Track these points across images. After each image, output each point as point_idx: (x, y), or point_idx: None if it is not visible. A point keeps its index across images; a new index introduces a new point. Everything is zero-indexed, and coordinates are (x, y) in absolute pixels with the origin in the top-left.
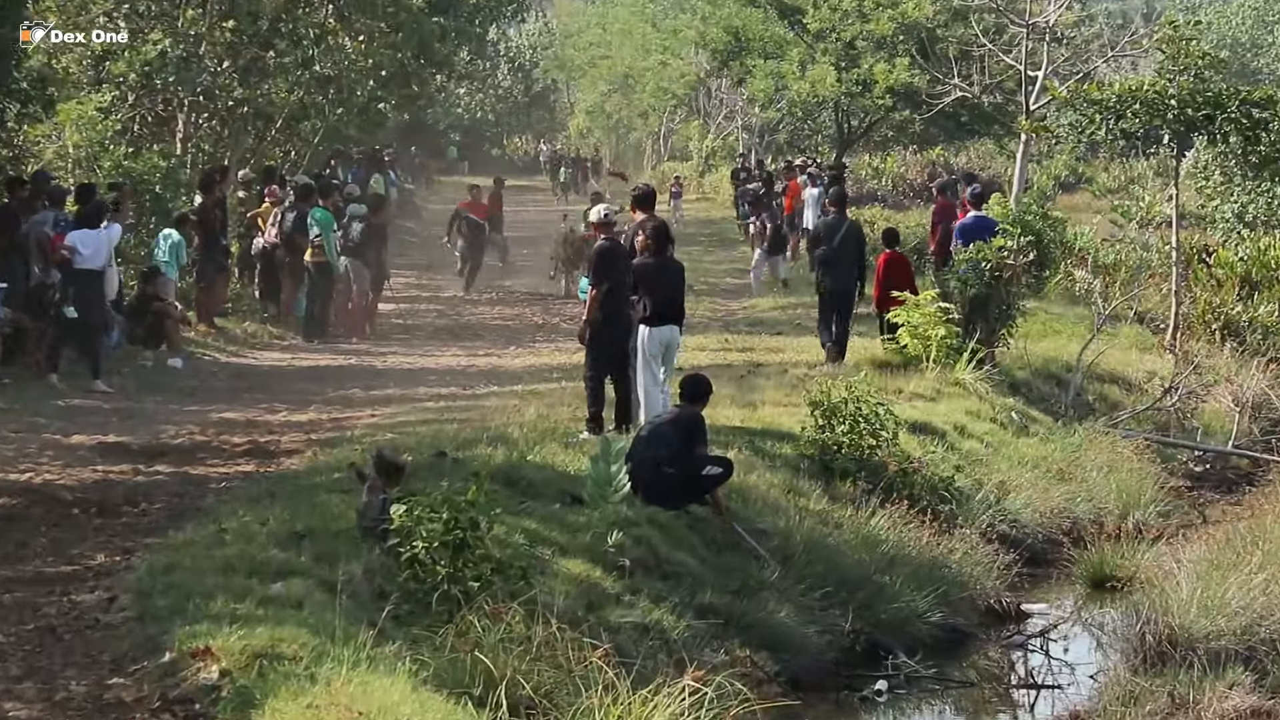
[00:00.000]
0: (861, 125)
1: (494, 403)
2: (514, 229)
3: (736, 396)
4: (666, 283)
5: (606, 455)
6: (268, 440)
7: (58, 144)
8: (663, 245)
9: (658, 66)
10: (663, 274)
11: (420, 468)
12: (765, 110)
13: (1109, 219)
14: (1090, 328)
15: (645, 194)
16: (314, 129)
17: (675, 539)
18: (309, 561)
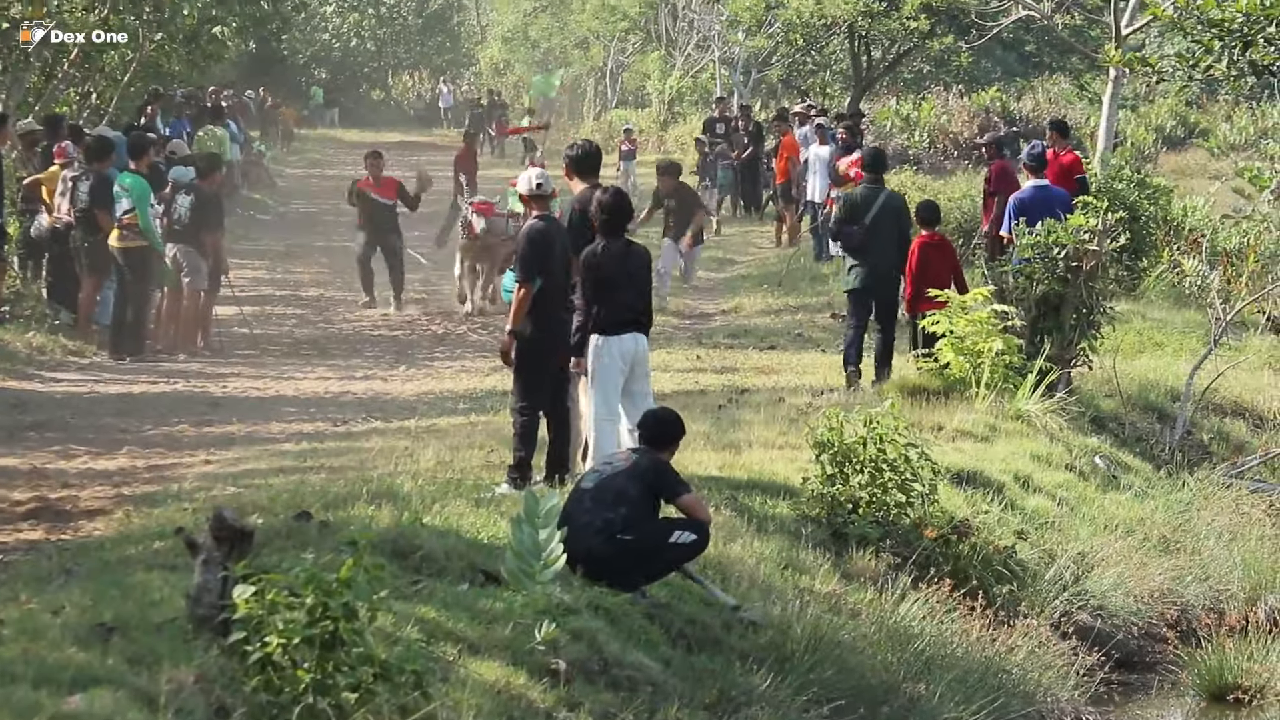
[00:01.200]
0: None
1: (377, 444)
2: None
3: (713, 435)
4: (627, 275)
5: (533, 517)
6: (61, 496)
7: None
8: (619, 223)
9: None
10: (622, 263)
11: (275, 534)
12: (752, 37)
13: (1232, 187)
14: (1205, 339)
15: (586, 153)
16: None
17: (628, 633)
18: (120, 665)
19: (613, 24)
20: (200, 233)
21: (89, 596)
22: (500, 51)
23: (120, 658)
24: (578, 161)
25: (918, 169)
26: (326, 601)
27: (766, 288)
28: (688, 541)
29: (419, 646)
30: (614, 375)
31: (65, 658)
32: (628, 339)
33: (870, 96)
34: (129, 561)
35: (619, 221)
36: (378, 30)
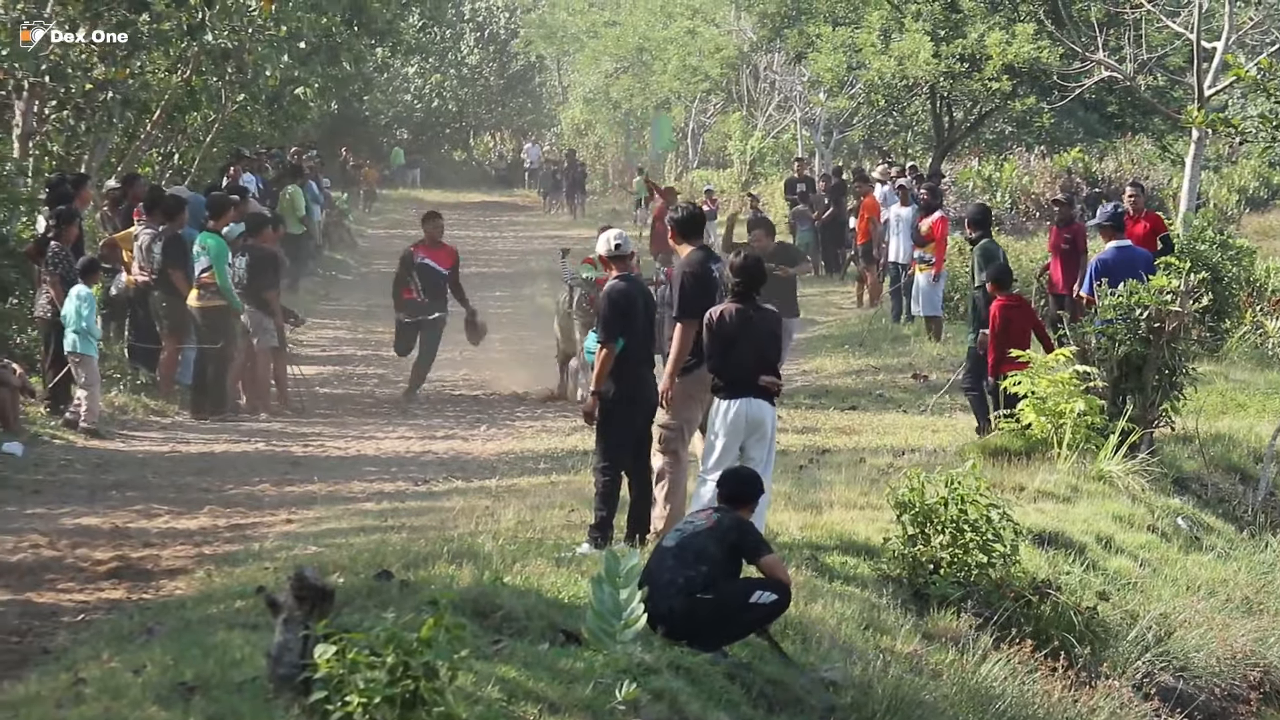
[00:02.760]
0: (968, 118)
1: (458, 503)
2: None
3: (794, 495)
4: (752, 339)
5: (614, 577)
6: (143, 556)
7: None
8: (752, 288)
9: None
10: (748, 327)
11: (356, 593)
12: (833, 98)
13: None
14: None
15: (691, 216)
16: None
17: (709, 693)
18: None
19: (694, 85)
20: (261, 291)
21: (170, 655)
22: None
23: (201, 717)
24: (683, 224)
25: (999, 230)
26: (407, 661)
27: (847, 348)
28: (769, 602)
29: (500, 706)
30: (731, 438)
31: (147, 717)
32: (754, 405)
33: (952, 157)
34: (210, 620)
35: (752, 286)
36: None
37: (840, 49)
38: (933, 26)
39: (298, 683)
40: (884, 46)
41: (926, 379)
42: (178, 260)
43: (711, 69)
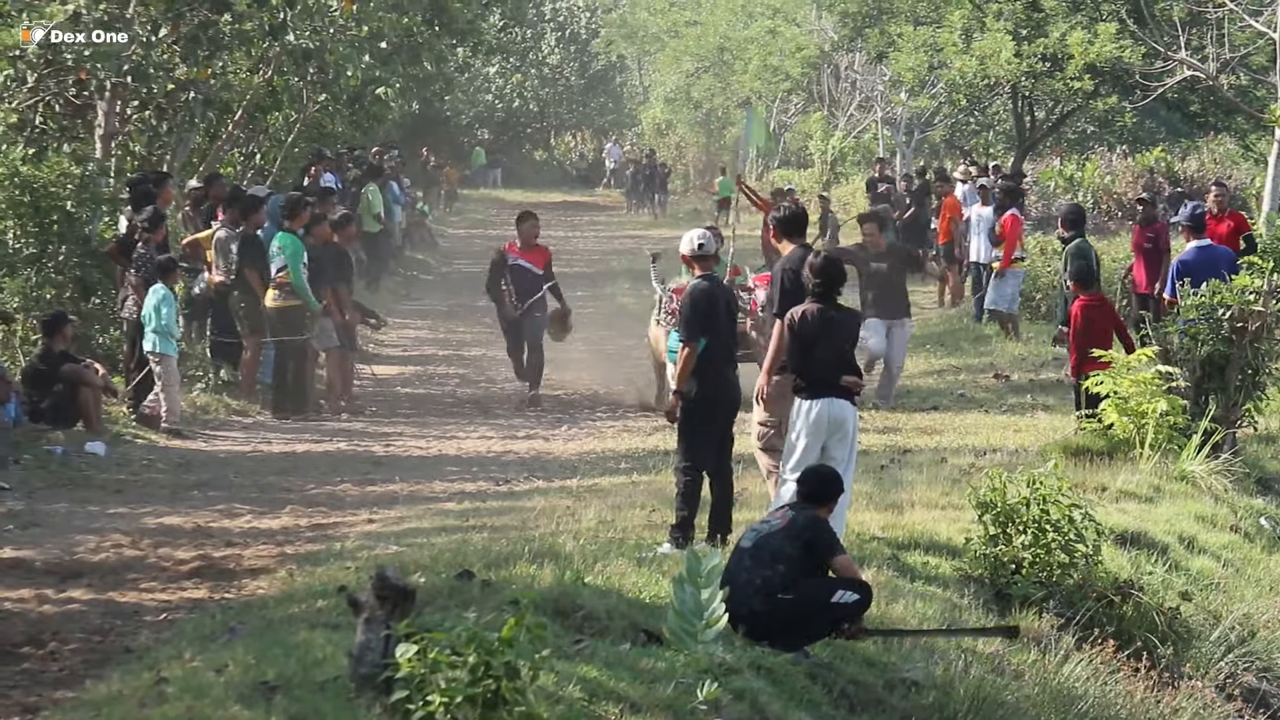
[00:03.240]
0: (1050, 118)
1: (539, 503)
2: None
3: (876, 495)
4: (832, 340)
5: (695, 577)
6: (225, 555)
7: None
8: (831, 289)
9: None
10: (828, 328)
11: (437, 593)
12: (915, 98)
13: None
14: None
15: (794, 215)
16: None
17: (791, 692)
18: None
19: (775, 84)
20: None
21: (252, 655)
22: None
23: (283, 716)
24: (785, 223)
25: None
26: (489, 660)
27: (929, 348)
28: (850, 601)
29: (581, 706)
30: (813, 439)
31: (229, 716)
32: (836, 405)
33: (1034, 157)
34: (292, 620)
35: (831, 287)
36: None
37: (921, 48)
38: (1014, 26)
39: (379, 682)
40: (965, 46)
41: (1008, 378)
42: (253, 260)
43: (792, 69)
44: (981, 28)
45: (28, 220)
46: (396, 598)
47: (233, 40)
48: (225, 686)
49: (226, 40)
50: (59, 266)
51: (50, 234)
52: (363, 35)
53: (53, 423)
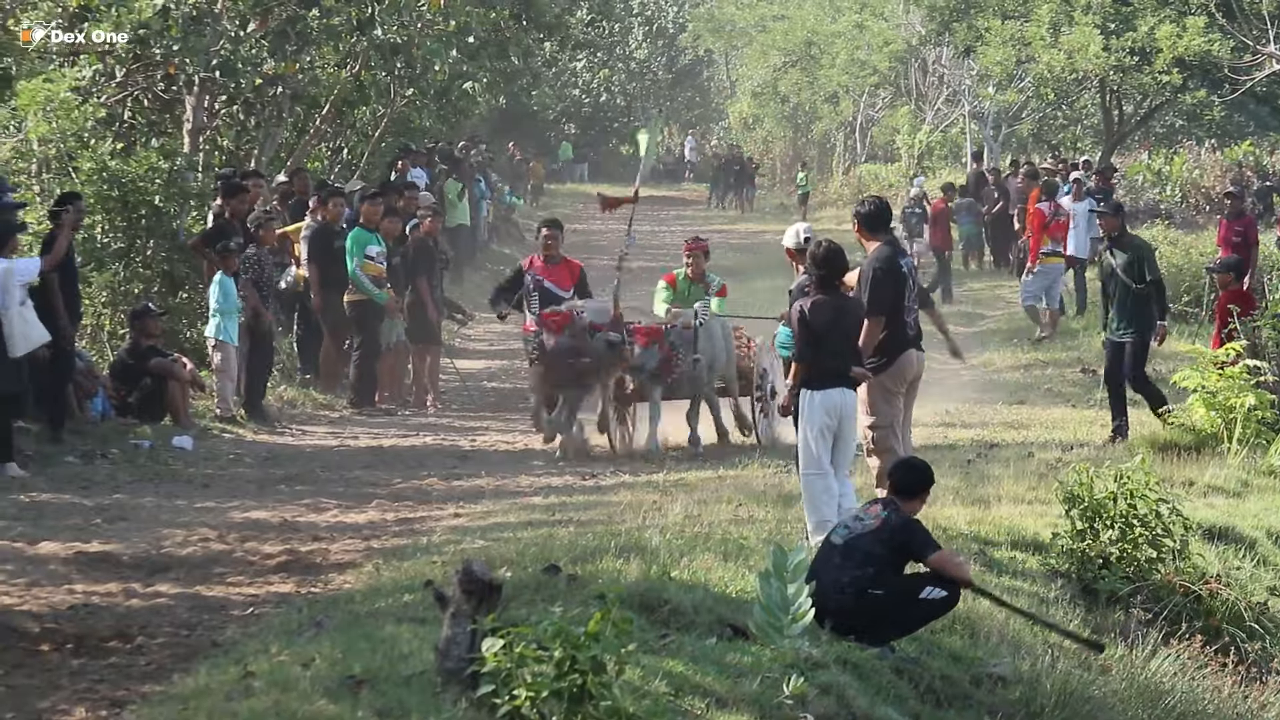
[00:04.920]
0: (1138, 112)
1: (625, 497)
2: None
3: (962, 490)
4: (839, 330)
5: (782, 571)
6: (311, 549)
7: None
8: (834, 277)
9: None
10: (834, 317)
11: (523, 587)
12: (1002, 92)
13: None
14: None
15: (879, 210)
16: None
17: (877, 687)
18: (370, 717)
19: (862, 78)
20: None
21: (339, 649)
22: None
23: (369, 710)
24: (870, 219)
25: (1169, 224)
26: (575, 655)
27: (1015, 342)
28: (938, 598)
29: (667, 700)
30: (825, 429)
31: (315, 710)
32: (835, 394)
33: (1122, 151)
34: (378, 614)
35: (836, 275)
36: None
37: (1009, 42)
38: (1102, 20)
39: (465, 676)
40: (1053, 40)
41: (1095, 373)
42: (317, 255)
43: (880, 63)
44: (1069, 21)
45: (116, 215)
46: (483, 592)
47: (320, 35)
48: (312, 680)
49: (314, 35)
50: (147, 261)
51: (138, 229)
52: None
53: (140, 417)
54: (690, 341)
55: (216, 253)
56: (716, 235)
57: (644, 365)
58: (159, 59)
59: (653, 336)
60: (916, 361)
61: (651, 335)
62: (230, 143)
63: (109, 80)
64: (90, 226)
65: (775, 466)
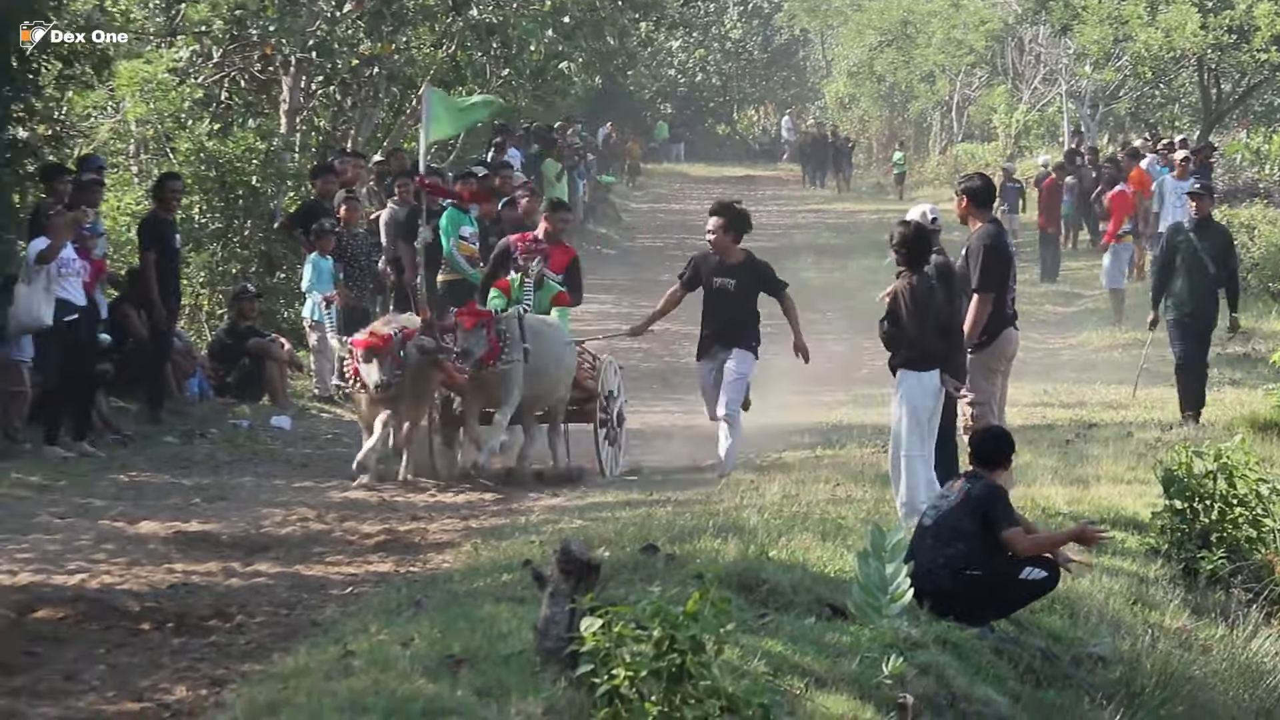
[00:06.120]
0: (1236, 90)
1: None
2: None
3: (1061, 469)
4: (939, 309)
5: (880, 551)
6: (410, 529)
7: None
8: (924, 255)
9: (948, 9)
10: (932, 296)
11: (622, 567)
12: (1100, 71)
13: None
14: None
15: (987, 188)
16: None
17: (976, 667)
18: (469, 696)
19: (959, 57)
20: None
21: (438, 628)
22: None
23: (469, 689)
24: (980, 194)
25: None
26: (674, 634)
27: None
28: (1038, 578)
29: (765, 680)
30: (924, 410)
31: (415, 689)
32: (937, 376)
33: (1220, 129)
34: (477, 594)
35: (924, 255)
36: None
37: (1106, 21)
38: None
39: (564, 656)
40: (1150, 18)
41: None
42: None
43: (976, 42)
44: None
45: (213, 195)
46: (581, 571)
47: (416, 15)
48: (411, 659)
49: (410, 15)
50: (244, 241)
51: (236, 209)
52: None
53: (239, 397)
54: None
55: (311, 233)
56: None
57: (471, 350)
58: (256, 40)
59: (479, 319)
60: (1016, 340)
61: (478, 318)
62: (326, 123)
63: (206, 61)
64: (188, 207)
65: (874, 446)
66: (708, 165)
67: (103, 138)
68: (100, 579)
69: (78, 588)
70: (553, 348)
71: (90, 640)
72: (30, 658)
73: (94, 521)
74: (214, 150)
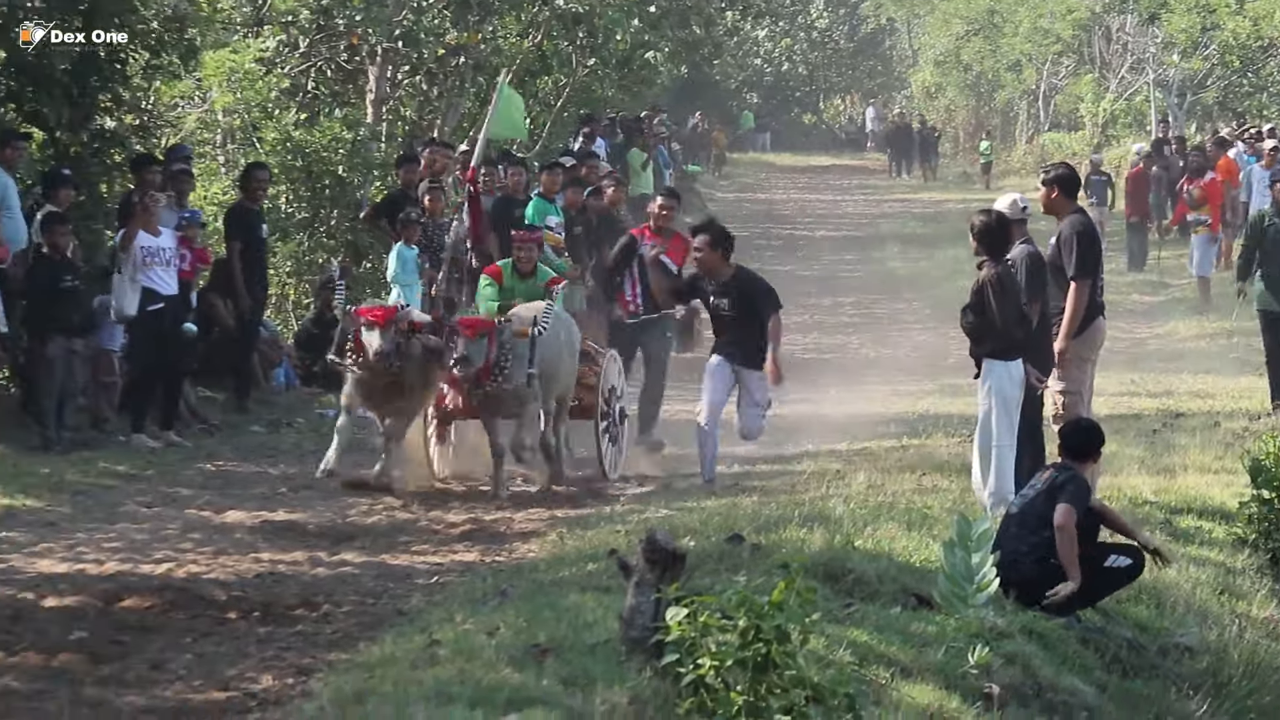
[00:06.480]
0: None
1: (808, 467)
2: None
3: (1148, 459)
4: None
5: (966, 541)
6: (495, 518)
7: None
8: (1004, 245)
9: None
10: (1014, 286)
11: (707, 557)
12: (1187, 59)
13: None
14: None
15: (1075, 175)
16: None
17: (1062, 657)
18: (554, 685)
19: (1045, 46)
20: None
21: (523, 617)
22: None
23: (554, 679)
24: (1071, 183)
25: None
26: (759, 624)
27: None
28: (1123, 566)
29: (851, 669)
30: (1015, 401)
31: (500, 678)
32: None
33: None
34: (562, 583)
35: (1005, 245)
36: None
37: (1194, 9)
38: None
39: (649, 645)
40: (1238, 6)
41: None
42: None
43: (1063, 31)
44: None
45: (300, 185)
46: (667, 561)
47: (502, 4)
48: (496, 649)
49: (496, 4)
50: (330, 231)
51: (322, 199)
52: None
53: (325, 386)
54: (523, 354)
55: (397, 223)
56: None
57: (471, 359)
58: (342, 29)
59: (482, 329)
60: (1104, 329)
61: (480, 328)
62: (412, 113)
63: (293, 51)
64: (274, 197)
65: (960, 436)
66: (793, 155)
67: (190, 128)
68: (187, 568)
69: (164, 577)
70: (561, 352)
71: (177, 629)
72: (117, 647)
73: (181, 511)
74: (300, 140)
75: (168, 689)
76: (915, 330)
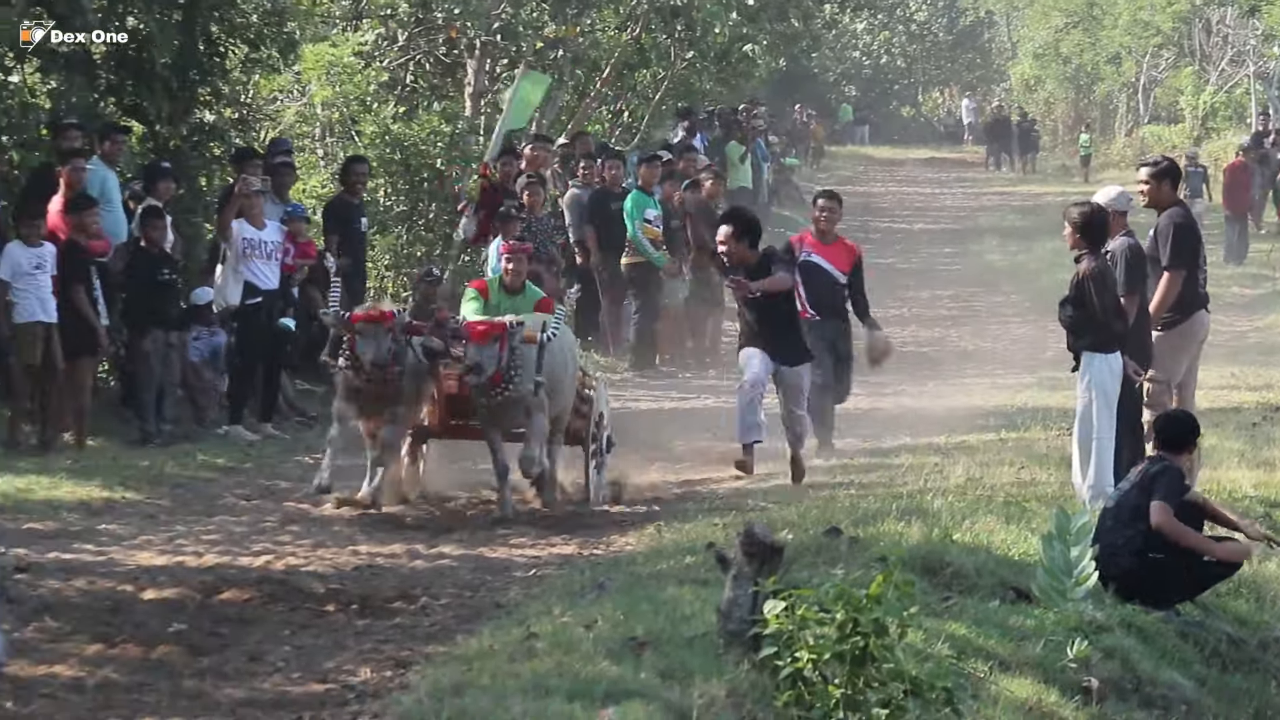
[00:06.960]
0: None
1: (906, 460)
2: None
3: (1248, 452)
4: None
5: (1065, 534)
6: (594, 511)
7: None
8: (1103, 237)
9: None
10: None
11: (805, 550)
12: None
13: None
14: None
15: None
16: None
17: (1162, 651)
18: (652, 678)
19: (1145, 39)
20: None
21: (621, 610)
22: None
23: (652, 671)
24: (1164, 176)
25: None
26: (857, 617)
27: None
28: None
29: (949, 663)
30: (1115, 394)
31: (598, 670)
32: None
33: None
34: (660, 576)
35: (1104, 238)
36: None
37: None
38: None
39: (747, 638)
40: None
41: None
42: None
43: (1163, 23)
44: None
45: (399, 178)
46: (764, 554)
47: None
48: (594, 641)
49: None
50: (429, 224)
51: (420, 192)
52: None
53: None
54: (531, 360)
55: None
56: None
57: (482, 366)
58: (441, 23)
59: (493, 333)
60: (1207, 322)
61: (492, 331)
62: None
63: (391, 44)
64: (373, 190)
65: (1059, 429)
66: (892, 148)
67: (289, 121)
68: (285, 560)
69: (263, 569)
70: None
71: (275, 621)
72: (216, 639)
73: (279, 503)
74: (399, 133)
75: (266, 681)
76: (1014, 323)
